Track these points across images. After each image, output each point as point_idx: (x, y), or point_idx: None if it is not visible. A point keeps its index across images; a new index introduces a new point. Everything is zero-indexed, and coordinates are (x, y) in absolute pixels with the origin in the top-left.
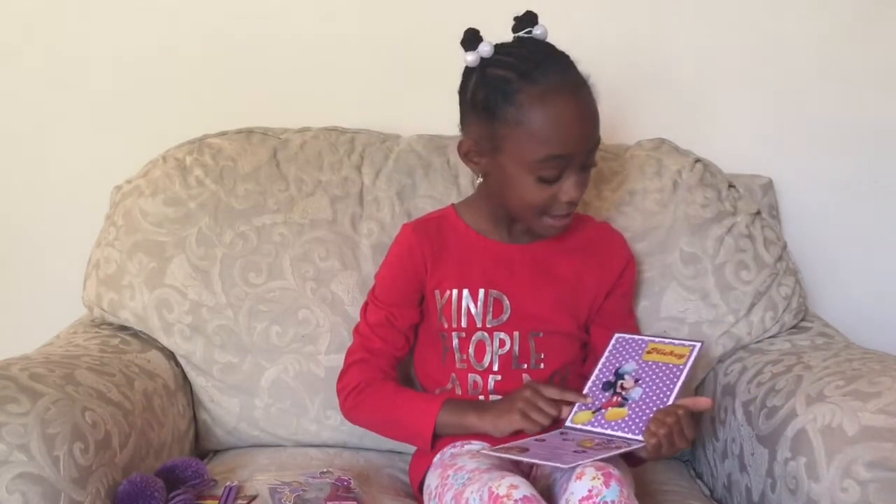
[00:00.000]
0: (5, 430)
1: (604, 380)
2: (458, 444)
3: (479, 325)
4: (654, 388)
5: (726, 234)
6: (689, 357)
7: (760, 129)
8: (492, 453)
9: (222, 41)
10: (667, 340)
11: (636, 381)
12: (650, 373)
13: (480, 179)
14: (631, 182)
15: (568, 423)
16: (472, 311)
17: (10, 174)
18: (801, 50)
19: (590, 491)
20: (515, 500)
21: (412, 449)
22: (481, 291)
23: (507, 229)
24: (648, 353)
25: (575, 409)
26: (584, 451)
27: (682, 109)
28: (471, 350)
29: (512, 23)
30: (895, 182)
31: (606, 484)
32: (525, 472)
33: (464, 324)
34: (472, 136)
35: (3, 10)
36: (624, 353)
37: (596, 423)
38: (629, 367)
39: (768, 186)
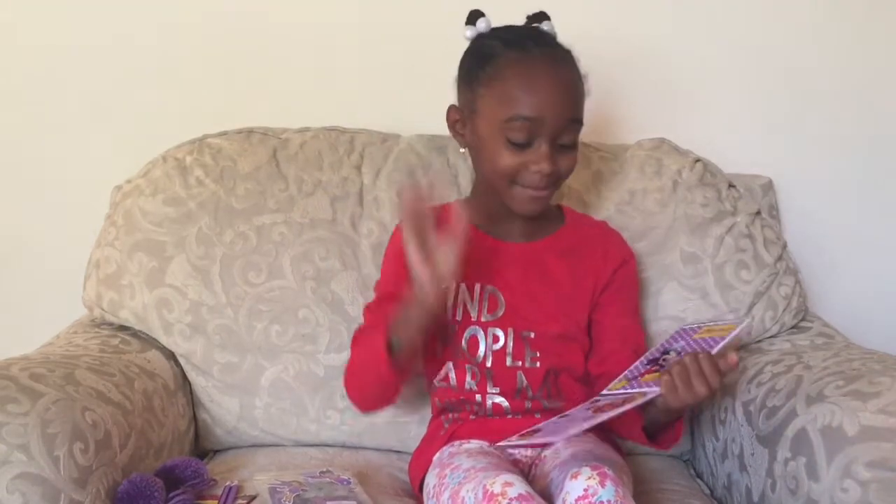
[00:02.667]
0: (5, 430)
1: (650, 357)
2: (456, 443)
3: (474, 318)
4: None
5: (726, 233)
6: (732, 331)
7: (760, 129)
8: (504, 444)
9: (222, 40)
10: (720, 322)
11: (678, 354)
12: (694, 346)
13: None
14: (631, 182)
15: (604, 392)
16: (468, 304)
17: (10, 174)
18: (802, 50)
19: (585, 490)
20: (510, 499)
21: (412, 449)
22: (477, 286)
23: (502, 226)
24: (699, 334)
25: (615, 380)
26: (592, 416)
27: (682, 109)
28: (464, 344)
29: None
30: (895, 182)
31: (602, 484)
32: (524, 471)
33: (458, 317)
34: (458, 106)
35: (1, 10)
36: (679, 338)
37: (628, 387)
38: (678, 345)
39: (768, 186)
